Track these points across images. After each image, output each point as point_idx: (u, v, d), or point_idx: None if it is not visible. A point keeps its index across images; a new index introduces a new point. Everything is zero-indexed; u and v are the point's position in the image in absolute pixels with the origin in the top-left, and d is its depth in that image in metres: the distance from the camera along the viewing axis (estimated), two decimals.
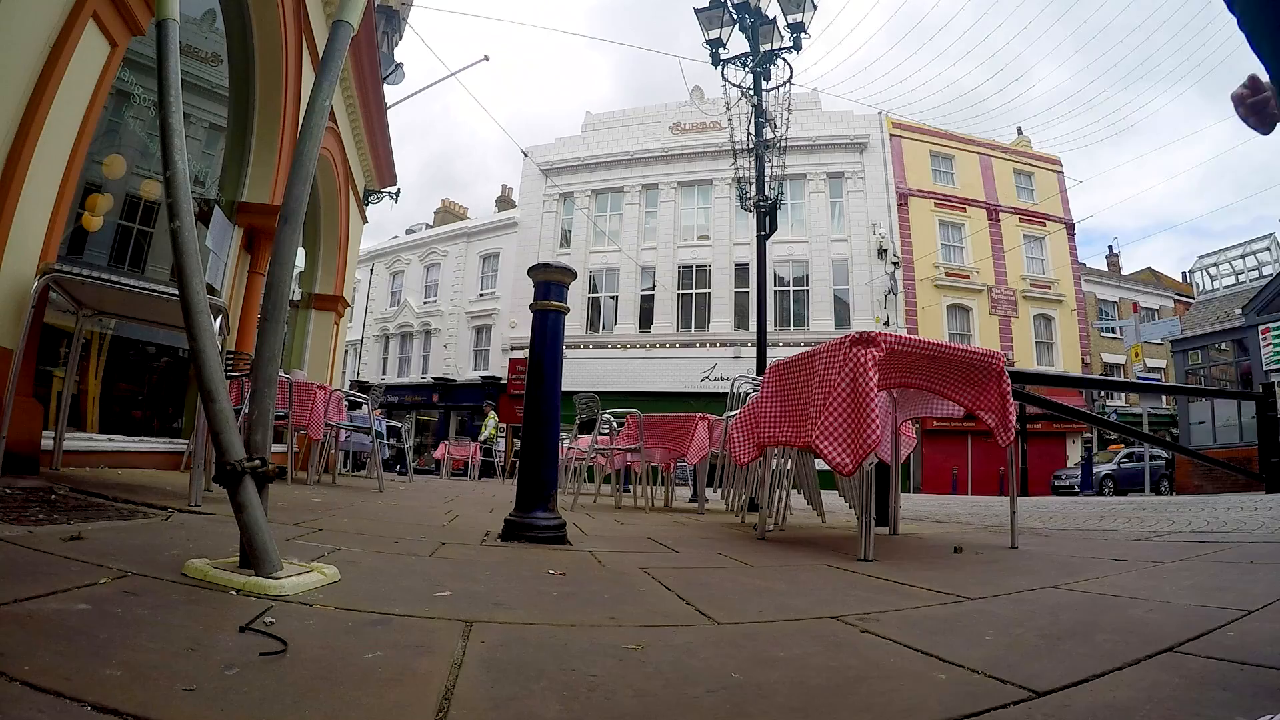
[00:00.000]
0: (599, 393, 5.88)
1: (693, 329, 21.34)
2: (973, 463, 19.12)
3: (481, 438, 13.86)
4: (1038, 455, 18.12)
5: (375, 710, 0.76)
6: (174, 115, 1.58)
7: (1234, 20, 1.02)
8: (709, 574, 1.91)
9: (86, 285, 2.84)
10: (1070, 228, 22.72)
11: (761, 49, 7.41)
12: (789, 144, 8.33)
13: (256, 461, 1.38)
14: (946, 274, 21.21)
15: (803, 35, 7.39)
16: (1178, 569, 2.04)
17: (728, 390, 5.00)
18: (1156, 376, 20.69)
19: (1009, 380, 2.63)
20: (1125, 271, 28.14)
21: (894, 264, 20.53)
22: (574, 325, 20.62)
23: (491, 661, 0.96)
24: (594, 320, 22.32)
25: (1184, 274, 27.34)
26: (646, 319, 21.83)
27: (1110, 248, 29.15)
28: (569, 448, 5.89)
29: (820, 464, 4.49)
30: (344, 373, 16.13)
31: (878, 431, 2.18)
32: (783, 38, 7.48)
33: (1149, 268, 30.61)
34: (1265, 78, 1.06)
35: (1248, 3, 0.99)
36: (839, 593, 1.67)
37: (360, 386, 22.46)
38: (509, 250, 23.63)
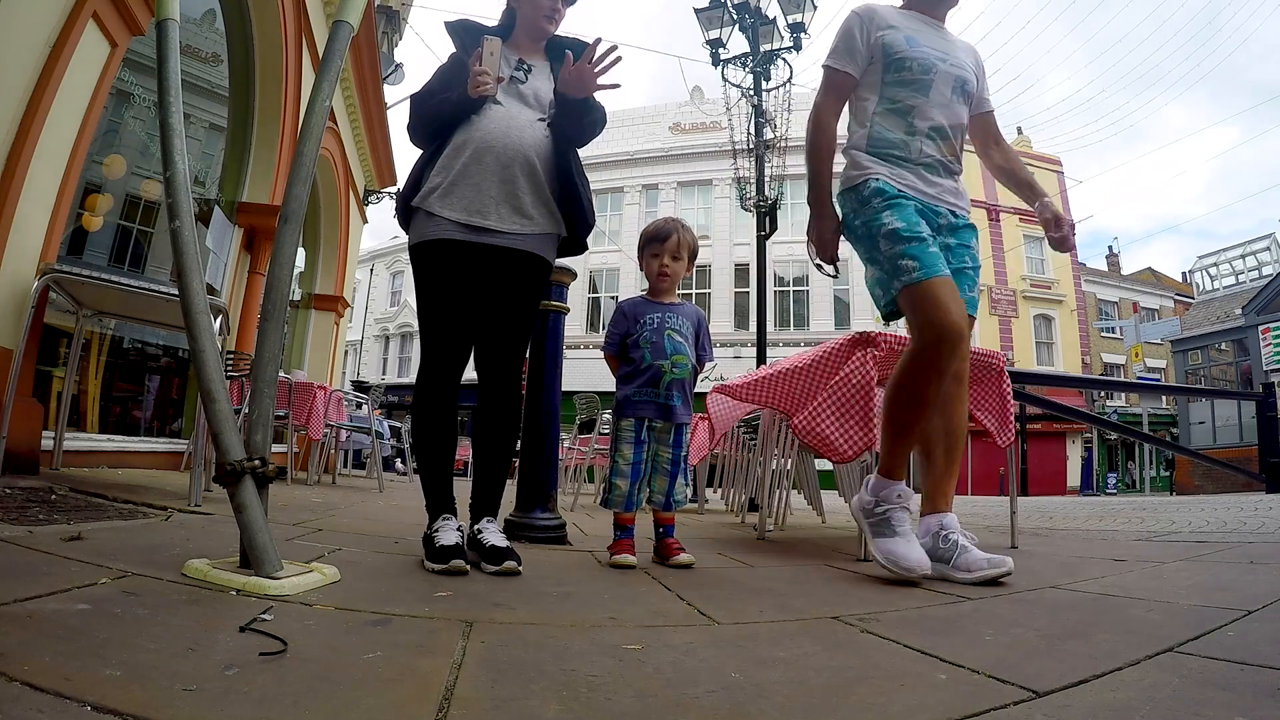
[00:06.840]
0: (599, 393, 5.87)
1: None
2: (973, 463, 19.10)
3: None
4: (1038, 455, 18.11)
5: (375, 710, 0.76)
6: (174, 115, 1.58)
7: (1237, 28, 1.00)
8: (709, 574, 1.91)
9: (86, 285, 2.84)
10: (1070, 228, 22.69)
11: (761, 49, 7.42)
12: (789, 144, 8.34)
13: (256, 462, 1.38)
14: None
15: (803, 35, 7.40)
16: (1178, 569, 2.03)
17: None
18: (1156, 376, 20.71)
19: (1009, 380, 2.63)
20: (1125, 272, 28.14)
21: None
22: (574, 325, 20.58)
23: (491, 661, 0.96)
24: (594, 320, 22.31)
25: (1184, 274, 27.35)
26: None
27: (1110, 248, 29.18)
28: (569, 448, 5.89)
29: (820, 464, 4.50)
30: (344, 373, 16.12)
31: (876, 430, 2.18)
32: (783, 38, 7.49)
33: (1149, 268, 30.62)
34: None
35: None
36: (839, 593, 1.67)
37: (360, 386, 22.45)
38: None
